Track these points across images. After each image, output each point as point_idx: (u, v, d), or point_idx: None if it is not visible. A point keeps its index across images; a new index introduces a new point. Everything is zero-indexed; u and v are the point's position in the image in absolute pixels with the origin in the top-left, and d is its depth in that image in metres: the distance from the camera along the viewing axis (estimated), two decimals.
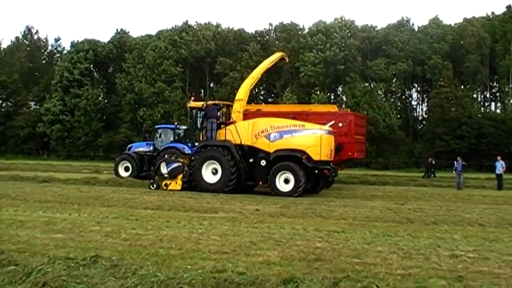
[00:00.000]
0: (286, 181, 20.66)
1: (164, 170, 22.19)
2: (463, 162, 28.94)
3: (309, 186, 21.46)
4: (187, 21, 65.60)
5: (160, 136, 28.73)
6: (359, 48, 59.39)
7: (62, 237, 10.21)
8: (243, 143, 21.65)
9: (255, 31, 66.17)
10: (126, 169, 28.85)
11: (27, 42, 74.36)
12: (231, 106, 23.95)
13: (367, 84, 60.18)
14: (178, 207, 15.90)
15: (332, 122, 22.27)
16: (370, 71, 57.91)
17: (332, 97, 63.94)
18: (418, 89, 65.77)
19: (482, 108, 60.94)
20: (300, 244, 9.83)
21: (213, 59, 61.35)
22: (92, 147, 60.92)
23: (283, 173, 20.70)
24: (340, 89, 63.19)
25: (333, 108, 24.90)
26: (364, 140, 27.19)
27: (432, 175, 37.09)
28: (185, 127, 30.15)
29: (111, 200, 17.28)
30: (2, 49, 76.55)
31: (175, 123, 31.07)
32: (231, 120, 22.87)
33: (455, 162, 29.06)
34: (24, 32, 75.09)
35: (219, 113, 23.62)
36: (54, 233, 10.60)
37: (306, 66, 56.23)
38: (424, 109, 64.60)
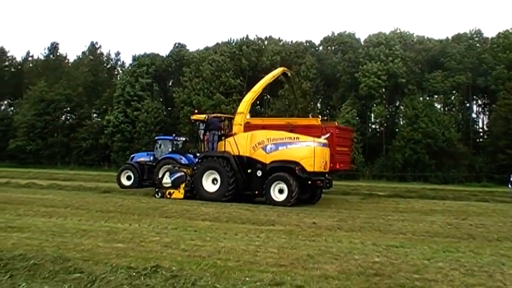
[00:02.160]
0: (281, 191, 21.24)
1: (168, 179, 23.32)
2: None
3: (306, 196, 22.22)
4: (247, 36, 66.47)
5: (160, 147, 29.66)
6: (416, 60, 58.20)
7: (123, 246, 10.50)
8: (241, 154, 22.42)
9: (308, 42, 66.85)
10: (128, 178, 29.70)
11: (91, 57, 76.91)
12: (233, 119, 24.60)
13: (426, 97, 58.89)
14: (235, 219, 16.03)
15: (328, 135, 22.51)
16: (427, 84, 56.54)
17: (391, 110, 62.88)
18: (479, 101, 63.63)
19: None
20: (358, 258, 9.74)
21: None
22: None
23: (277, 184, 21.32)
24: (398, 102, 61.94)
25: (316, 121, 24.95)
26: (349, 152, 27.37)
27: None
28: (183, 139, 31.50)
29: (170, 211, 17.63)
30: (68, 63, 79.66)
31: (173, 135, 31.82)
32: (232, 132, 23.50)
33: (510, 174, 27.62)
34: (89, 47, 77.90)
35: (220, 125, 24.49)
36: (116, 243, 10.91)
37: (369, 76, 55.43)
38: (486, 121, 62.46)
